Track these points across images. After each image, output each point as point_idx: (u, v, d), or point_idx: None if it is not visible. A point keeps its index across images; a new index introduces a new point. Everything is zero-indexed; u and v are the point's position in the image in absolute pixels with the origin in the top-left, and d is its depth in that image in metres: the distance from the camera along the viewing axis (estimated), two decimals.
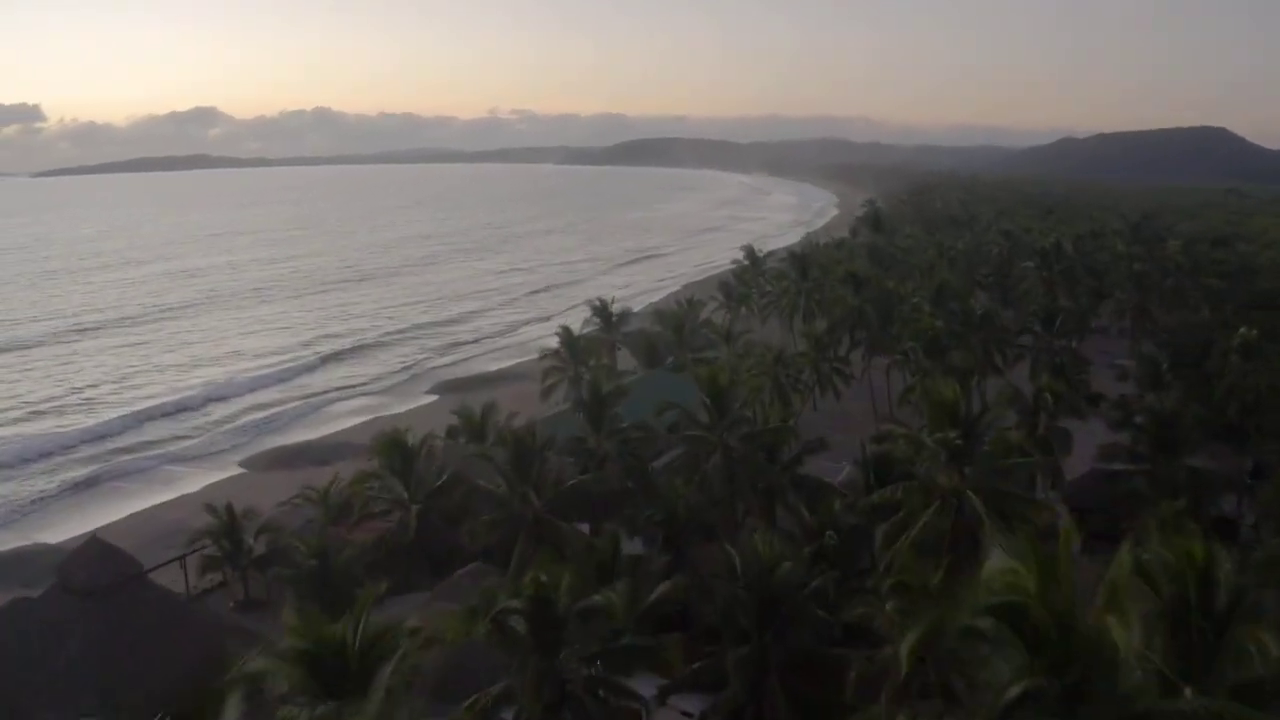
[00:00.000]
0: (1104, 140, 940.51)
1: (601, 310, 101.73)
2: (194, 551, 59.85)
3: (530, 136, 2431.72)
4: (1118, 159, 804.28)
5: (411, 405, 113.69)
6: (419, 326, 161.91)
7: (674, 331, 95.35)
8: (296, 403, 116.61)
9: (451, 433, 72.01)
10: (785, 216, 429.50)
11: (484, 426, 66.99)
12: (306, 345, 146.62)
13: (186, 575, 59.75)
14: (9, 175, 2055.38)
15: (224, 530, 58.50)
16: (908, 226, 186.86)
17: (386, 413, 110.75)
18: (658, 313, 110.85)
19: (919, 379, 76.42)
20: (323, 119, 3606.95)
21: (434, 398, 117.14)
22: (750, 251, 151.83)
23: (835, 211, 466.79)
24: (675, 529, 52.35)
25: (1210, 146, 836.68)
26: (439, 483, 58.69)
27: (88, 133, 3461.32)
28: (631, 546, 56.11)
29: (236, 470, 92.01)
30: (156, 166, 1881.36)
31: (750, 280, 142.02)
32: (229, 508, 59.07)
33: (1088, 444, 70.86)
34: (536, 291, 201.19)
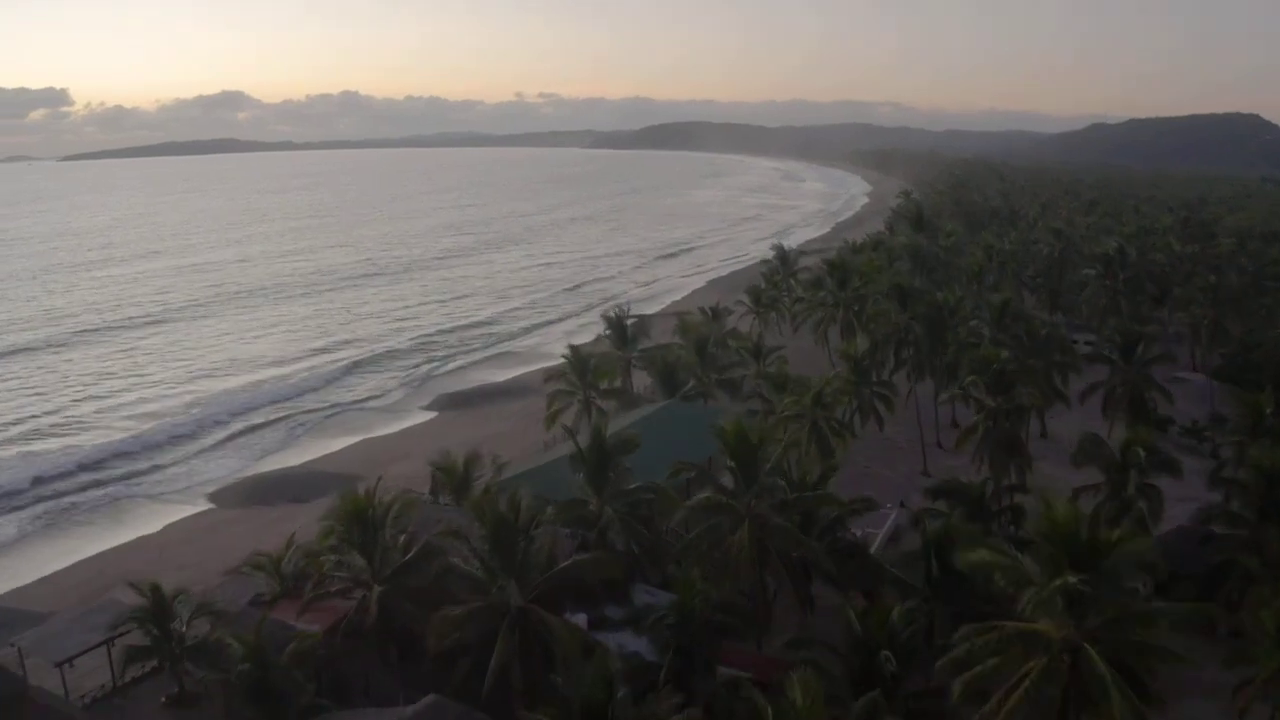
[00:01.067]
0: (1136, 126, 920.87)
1: (616, 324, 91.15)
2: (118, 636, 50.27)
3: (556, 120, 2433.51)
4: (1149, 145, 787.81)
5: (407, 423, 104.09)
6: (428, 330, 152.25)
7: (696, 351, 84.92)
8: (286, 421, 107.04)
9: (435, 481, 61.83)
10: (815, 205, 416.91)
11: (467, 479, 56.95)
12: (308, 354, 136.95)
13: (112, 665, 50.27)
14: (36, 159, 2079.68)
15: (150, 615, 48.74)
16: (948, 222, 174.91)
17: (380, 432, 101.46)
18: (680, 323, 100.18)
19: (981, 420, 65.94)
20: (350, 103, 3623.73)
21: (432, 414, 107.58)
22: (780, 250, 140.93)
23: (866, 200, 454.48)
24: (690, 632, 42.35)
25: (1242, 133, 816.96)
26: (406, 558, 48.56)
27: (115, 117, 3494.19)
28: (636, 644, 46.24)
29: (205, 505, 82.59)
30: (184, 150, 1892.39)
31: (780, 282, 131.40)
32: (156, 588, 49.22)
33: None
34: (557, 291, 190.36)
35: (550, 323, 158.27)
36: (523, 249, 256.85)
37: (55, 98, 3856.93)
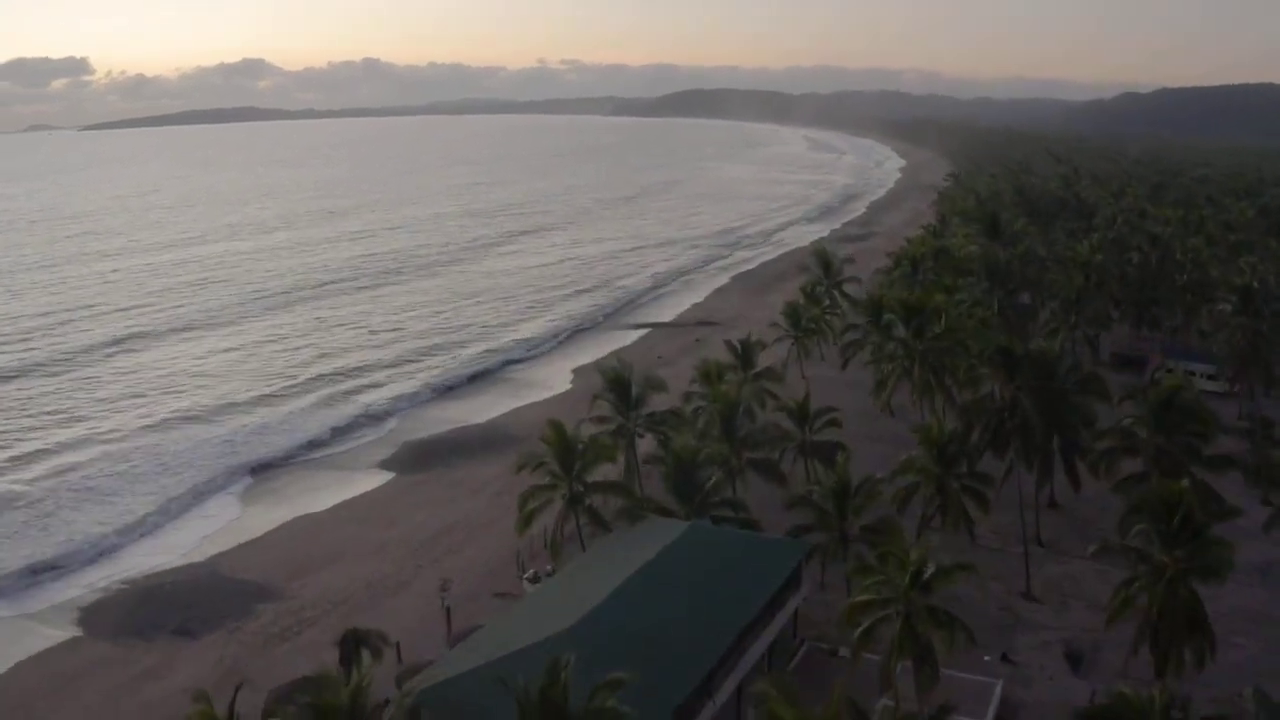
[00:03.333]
0: (1167, 95, 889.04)
1: (617, 383, 68.79)
2: None
3: (579, 86, 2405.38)
4: (1180, 115, 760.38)
5: (348, 492, 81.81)
6: (408, 353, 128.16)
7: (720, 424, 63.49)
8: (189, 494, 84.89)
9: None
10: (845, 179, 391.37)
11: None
12: (268, 395, 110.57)
13: None
14: (57, 129, 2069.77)
15: None
16: (1016, 217, 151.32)
17: (309, 510, 78.89)
18: (701, 369, 77.95)
19: (1146, 586, 44.15)
20: (372, 70, 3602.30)
21: (388, 476, 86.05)
22: (823, 256, 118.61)
23: (899, 174, 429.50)
24: None
25: (1275, 103, 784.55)
26: None
27: (136, 86, 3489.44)
28: None
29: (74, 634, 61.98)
30: (205, 119, 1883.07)
31: (823, 295, 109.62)
32: None
33: None
34: (569, 293, 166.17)
35: (549, 350, 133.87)
36: (544, 240, 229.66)
37: (76, 67, 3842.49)
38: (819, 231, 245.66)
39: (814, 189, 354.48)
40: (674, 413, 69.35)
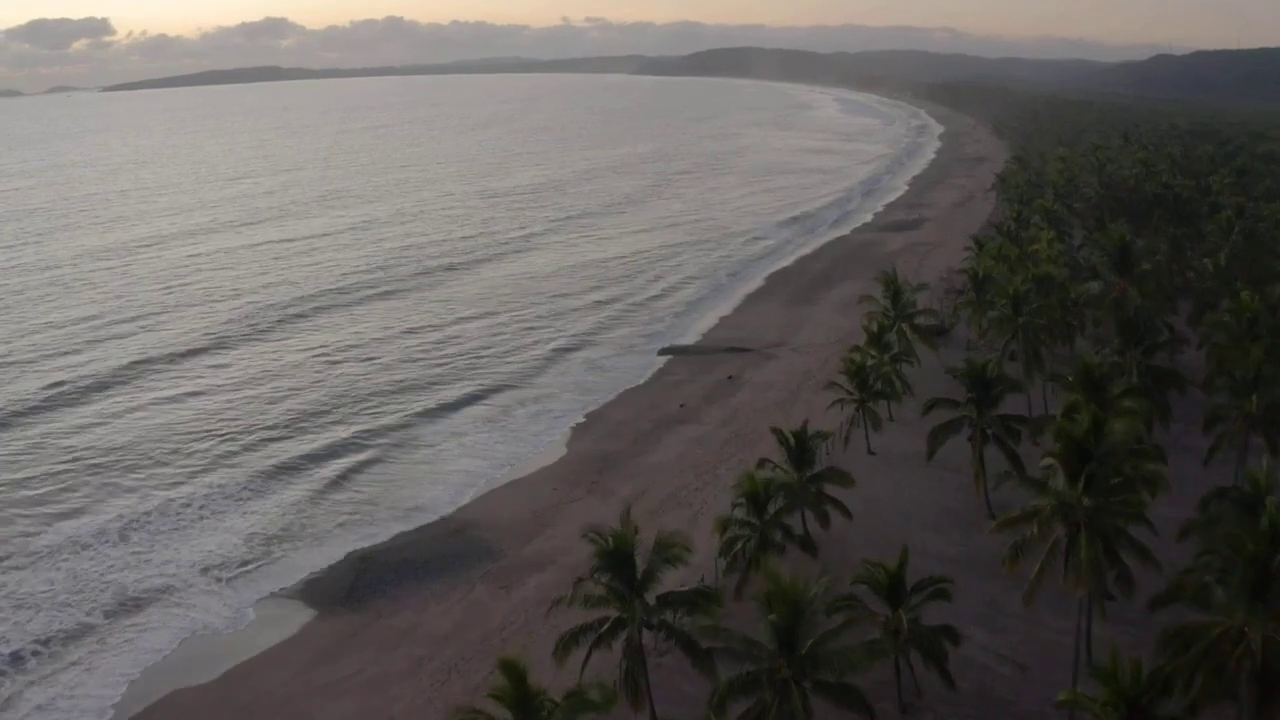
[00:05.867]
0: (1202, 58, 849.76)
1: (614, 557, 44.84)
2: None
3: (603, 45, 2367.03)
4: (1215, 78, 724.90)
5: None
6: (351, 402, 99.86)
7: (775, 636, 40.00)
8: None
9: None
10: (880, 149, 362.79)
11: None
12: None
13: None
14: (78, 89, 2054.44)
15: None
16: (1114, 222, 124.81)
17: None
18: (744, 483, 54.44)
19: None
20: (395, 28, 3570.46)
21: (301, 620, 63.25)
22: (892, 282, 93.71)
23: (938, 143, 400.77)
24: None
25: None
26: None
27: (158, 46, 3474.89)
28: None
29: None
30: (227, 79, 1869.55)
31: (894, 341, 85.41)
32: None
33: None
34: (584, 305, 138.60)
35: (557, 368, 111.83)
36: (559, 237, 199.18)
37: (97, 27, 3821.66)
38: (859, 214, 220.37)
39: (849, 160, 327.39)
40: (703, 593, 45.58)
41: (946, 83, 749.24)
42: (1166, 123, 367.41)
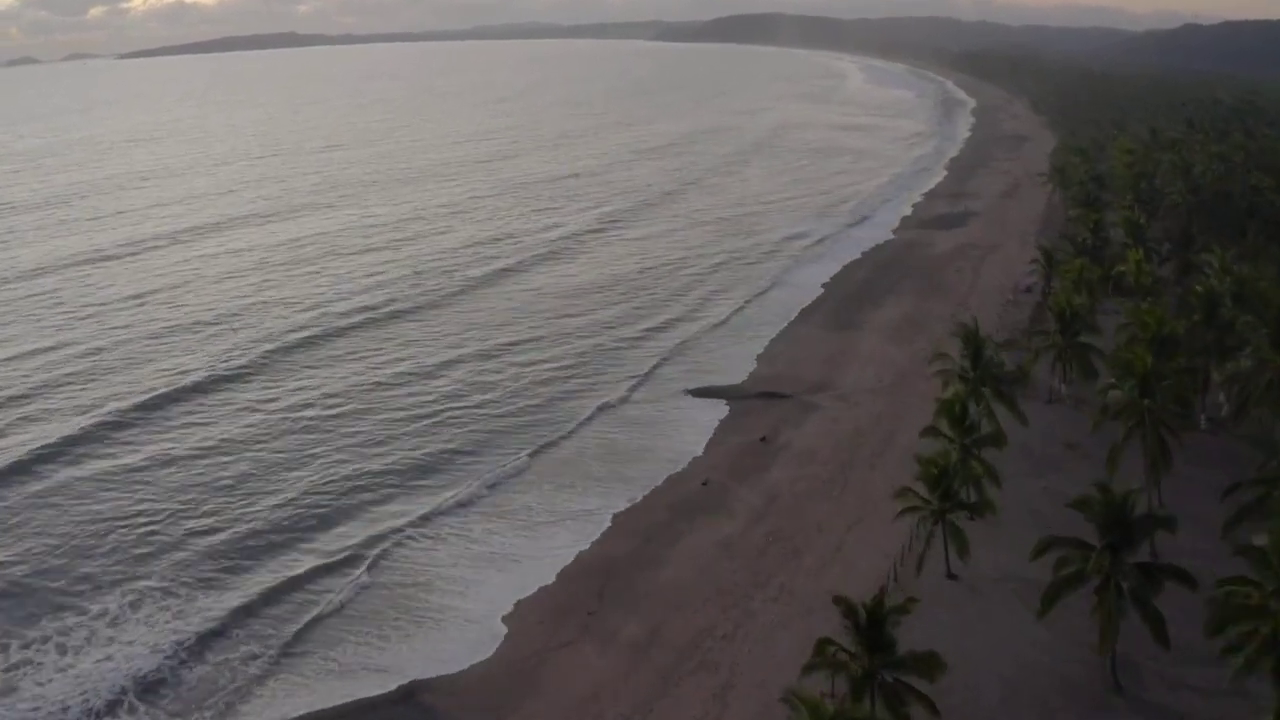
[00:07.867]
0: (1232, 29, 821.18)
1: None
2: None
3: (623, 9, 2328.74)
4: (1245, 50, 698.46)
5: None
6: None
7: None
8: None
9: None
10: (916, 126, 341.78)
11: None
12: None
13: None
14: (96, 56, 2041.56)
15: None
16: (1212, 244, 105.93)
17: None
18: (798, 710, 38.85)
19: None
20: None
21: None
22: (973, 338, 76.34)
23: (972, 119, 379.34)
24: None
25: None
26: None
27: (176, 12, 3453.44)
28: None
29: None
30: (245, 45, 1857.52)
31: (979, 411, 68.69)
32: None
33: None
34: (605, 346, 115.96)
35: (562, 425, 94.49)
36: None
37: None
38: (898, 204, 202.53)
39: (880, 139, 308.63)
40: None
41: (972, 51, 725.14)
42: (1210, 97, 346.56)
